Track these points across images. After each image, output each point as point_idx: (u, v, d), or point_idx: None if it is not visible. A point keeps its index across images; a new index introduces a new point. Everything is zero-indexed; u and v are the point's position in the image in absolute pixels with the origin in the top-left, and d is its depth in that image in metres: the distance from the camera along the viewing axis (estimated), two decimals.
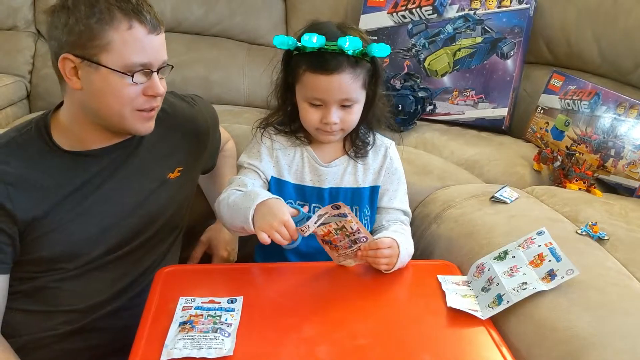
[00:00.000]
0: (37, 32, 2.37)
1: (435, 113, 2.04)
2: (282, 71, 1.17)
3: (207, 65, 2.23)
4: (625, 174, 1.60)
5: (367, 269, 1.12)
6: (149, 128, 1.14)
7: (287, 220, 1.02)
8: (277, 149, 1.20)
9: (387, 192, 1.23)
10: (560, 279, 1.00)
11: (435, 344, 0.95)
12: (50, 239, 1.11)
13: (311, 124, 1.14)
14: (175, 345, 0.89)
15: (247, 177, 1.18)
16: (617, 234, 1.20)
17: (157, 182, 1.22)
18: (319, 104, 1.12)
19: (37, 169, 1.11)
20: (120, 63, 1.04)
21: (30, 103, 2.31)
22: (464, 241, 1.26)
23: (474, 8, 2.02)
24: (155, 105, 1.12)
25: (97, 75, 1.05)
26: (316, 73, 1.09)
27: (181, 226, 1.31)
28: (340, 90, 1.09)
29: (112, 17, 1.03)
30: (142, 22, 1.05)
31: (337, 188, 1.21)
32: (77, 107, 1.12)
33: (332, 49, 1.07)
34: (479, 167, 1.73)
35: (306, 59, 1.10)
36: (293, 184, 1.20)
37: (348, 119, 1.13)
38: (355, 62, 1.09)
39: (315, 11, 2.36)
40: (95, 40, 1.03)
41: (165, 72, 1.13)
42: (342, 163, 1.21)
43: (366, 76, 1.12)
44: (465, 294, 1.06)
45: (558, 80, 1.82)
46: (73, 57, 1.05)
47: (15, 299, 1.12)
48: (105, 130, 1.13)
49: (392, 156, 1.24)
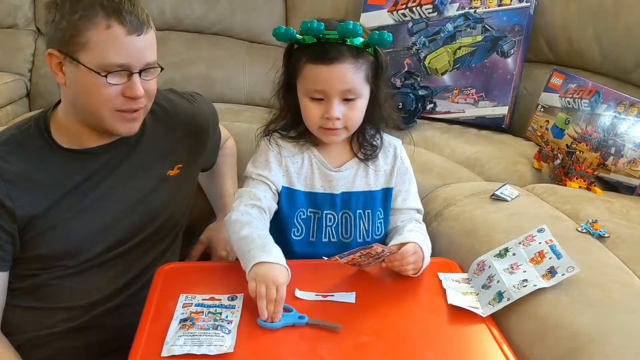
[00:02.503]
0: (37, 30, 2.37)
1: (435, 111, 2.04)
2: (284, 68, 1.14)
3: (207, 64, 2.23)
4: (626, 172, 1.60)
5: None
6: (130, 129, 1.13)
7: (280, 299, 0.95)
8: (286, 156, 1.16)
9: (400, 192, 1.21)
10: (561, 276, 1.00)
11: (436, 341, 0.95)
12: (50, 236, 1.11)
13: (313, 121, 1.10)
14: (176, 342, 0.89)
15: (257, 190, 1.13)
16: (618, 232, 1.20)
17: (156, 180, 1.22)
18: (320, 98, 1.08)
19: (37, 166, 1.11)
20: (96, 62, 1.04)
21: (30, 101, 2.31)
22: (465, 239, 1.26)
23: (475, 6, 2.02)
24: (137, 107, 1.10)
25: (77, 73, 1.06)
26: (316, 63, 1.06)
27: (181, 224, 1.31)
28: (341, 81, 1.06)
29: (94, 14, 1.02)
30: (122, 22, 1.03)
31: (350, 192, 1.17)
32: (67, 103, 1.13)
33: (332, 38, 1.05)
34: (479, 166, 1.73)
35: (306, 51, 1.08)
36: (304, 192, 1.16)
37: (351, 115, 1.10)
38: (357, 53, 1.06)
39: (316, 9, 2.36)
40: (76, 37, 1.03)
41: (151, 73, 1.10)
42: (353, 166, 1.18)
43: (369, 69, 1.09)
44: (465, 292, 1.06)
45: (558, 78, 1.82)
46: (57, 53, 1.06)
47: (15, 296, 1.13)
48: (93, 129, 1.13)
49: (402, 156, 1.22)
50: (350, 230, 1.18)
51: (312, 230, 1.17)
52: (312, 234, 1.18)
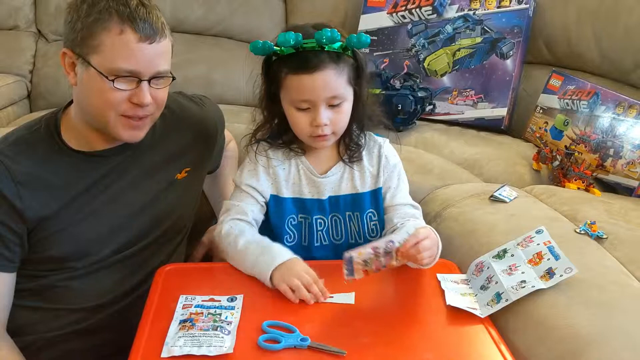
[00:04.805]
0: (38, 32, 2.38)
1: (434, 113, 2.04)
2: (264, 81, 1.14)
3: (208, 65, 2.24)
4: (624, 174, 1.60)
5: None
6: (134, 136, 1.12)
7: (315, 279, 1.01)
8: (274, 165, 1.16)
9: (389, 190, 1.20)
10: (559, 277, 1.00)
11: (434, 342, 0.95)
12: (59, 238, 1.11)
13: (303, 130, 1.10)
14: (176, 342, 0.89)
15: (244, 204, 1.15)
16: (616, 233, 1.20)
17: (165, 183, 1.22)
18: (307, 107, 1.08)
19: (47, 168, 1.10)
20: (105, 66, 1.04)
21: (31, 102, 2.32)
22: (464, 240, 1.26)
23: (474, 8, 2.03)
24: (143, 114, 1.10)
25: (87, 75, 1.06)
26: (298, 74, 1.06)
27: (188, 227, 1.31)
28: (325, 88, 1.06)
29: (108, 19, 1.03)
30: (135, 29, 1.03)
31: (337, 196, 1.18)
32: (77, 105, 1.13)
33: (310, 47, 1.05)
34: (478, 167, 1.73)
35: (286, 62, 1.07)
36: (292, 199, 1.17)
37: (338, 120, 1.10)
38: (337, 57, 1.06)
39: (315, 11, 2.37)
40: (89, 39, 1.04)
41: (162, 82, 1.10)
42: (339, 171, 1.18)
43: (350, 71, 1.09)
44: (464, 293, 1.06)
45: (557, 80, 1.82)
46: (71, 53, 1.07)
47: (22, 297, 1.12)
48: (100, 132, 1.13)
49: (387, 154, 1.20)
50: (340, 232, 1.19)
51: (304, 235, 1.18)
52: (305, 239, 1.18)
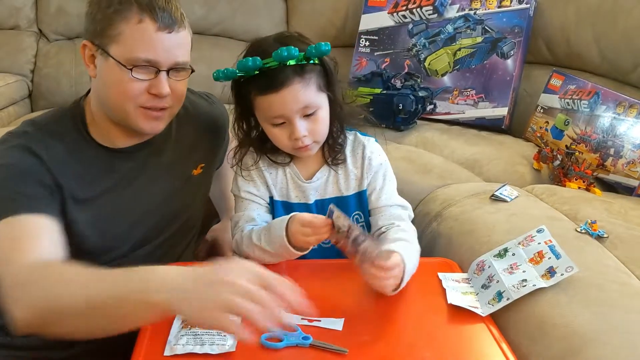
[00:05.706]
0: (39, 31, 2.38)
1: (435, 112, 2.05)
2: (236, 102, 1.14)
3: (208, 64, 2.23)
4: (625, 173, 1.60)
5: None
6: (154, 128, 1.11)
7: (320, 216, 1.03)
8: (262, 169, 1.17)
9: (373, 191, 1.18)
10: (560, 276, 1.00)
11: (436, 340, 0.95)
12: (88, 231, 1.10)
13: (284, 144, 1.11)
14: (178, 341, 0.90)
15: (249, 211, 1.16)
16: (616, 232, 1.21)
17: (182, 179, 1.22)
18: (282, 122, 1.08)
19: (76, 158, 1.09)
20: (124, 56, 1.03)
21: (32, 102, 2.32)
22: (464, 239, 1.26)
23: (474, 8, 2.03)
24: (162, 105, 1.09)
25: (106, 65, 1.06)
26: (266, 94, 1.06)
27: (197, 226, 1.31)
28: (296, 102, 1.06)
29: (128, 8, 1.03)
30: (154, 18, 1.03)
31: (322, 200, 1.18)
32: (95, 98, 1.12)
33: (271, 66, 1.04)
34: (479, 166, 1.74)
35: (252, 83, 1.07)
36: (280, 202, 1.18)
37: (316, 129, 1.09)
38: (302, 69, 1.05)
39: (316, 11, 2.37)
40: (108, 29, 1.04)
41: (181, 74, 1.10)
42: (324, 175, 1.18)
43: (318, 78, 1.08)
44: (465, 291, 1.06)
45: (558, 79, 1.83)
46: (90, 45, 1.07)
47: None
48: (119, 126, 1.12)
49: (371, 154, 1.18)
50: None
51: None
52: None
